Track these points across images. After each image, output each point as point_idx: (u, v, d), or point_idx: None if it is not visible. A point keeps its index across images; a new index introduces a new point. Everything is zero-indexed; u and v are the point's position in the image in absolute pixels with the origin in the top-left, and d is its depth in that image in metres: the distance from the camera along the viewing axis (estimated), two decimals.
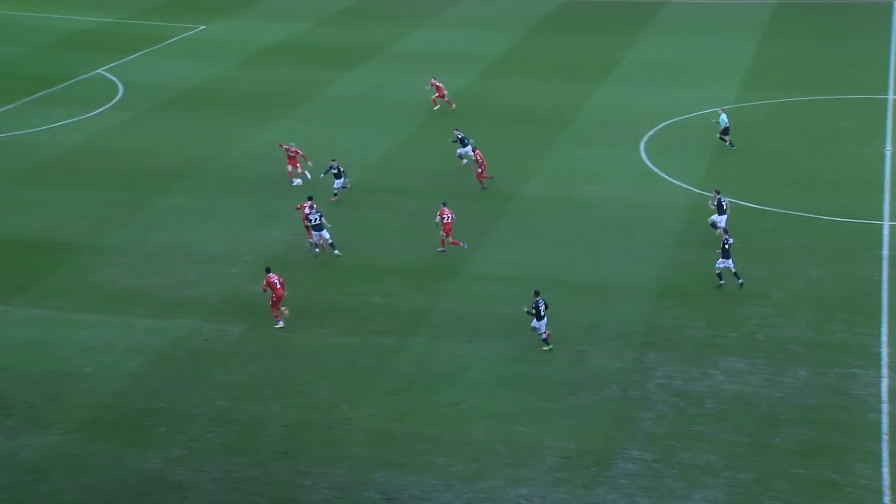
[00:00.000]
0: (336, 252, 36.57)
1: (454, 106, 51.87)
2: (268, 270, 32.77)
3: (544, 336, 31.01)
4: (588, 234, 39.05)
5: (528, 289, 34.76)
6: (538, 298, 30.91)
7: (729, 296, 34.40)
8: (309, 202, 37.26)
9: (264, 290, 32.59)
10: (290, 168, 42.75)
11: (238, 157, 46.47)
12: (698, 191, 42.53)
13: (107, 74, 58.22)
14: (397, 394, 29.16)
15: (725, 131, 46.73)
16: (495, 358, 30.95)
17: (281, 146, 43.48)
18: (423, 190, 43.19)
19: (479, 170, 42.86)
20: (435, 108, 51.83)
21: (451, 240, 37.26)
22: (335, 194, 41.24)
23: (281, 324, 32.50)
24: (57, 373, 29.61)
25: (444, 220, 37.03)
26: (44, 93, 54.51)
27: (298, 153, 42.82)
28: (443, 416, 28.20)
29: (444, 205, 37.52)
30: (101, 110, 52.02)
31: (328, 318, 32.99)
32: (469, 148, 44.46)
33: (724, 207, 38.27)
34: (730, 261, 34.63)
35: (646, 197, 41.46)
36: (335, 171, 41.19)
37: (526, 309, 31.08)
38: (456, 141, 45.06)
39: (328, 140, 49.09)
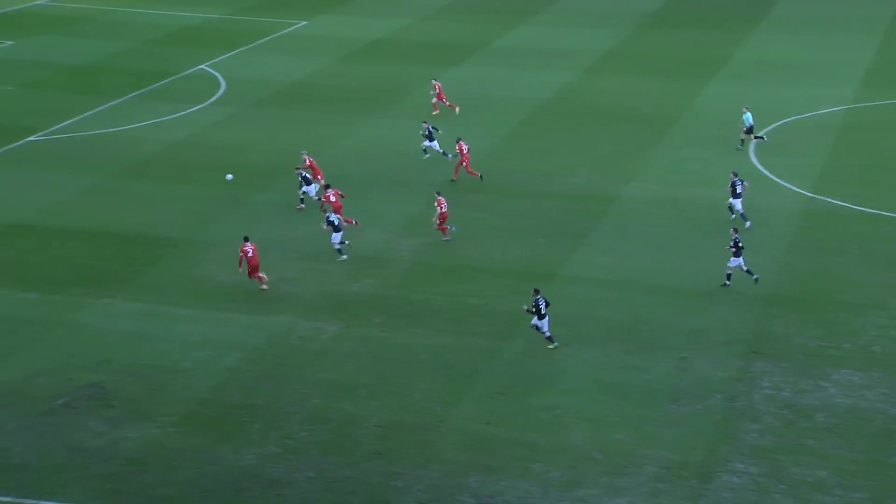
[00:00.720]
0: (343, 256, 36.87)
1: (457, 110, 50.88)
2: (246, 239, 34.53)
3: (548, 335, 30.91)
4: (693, 238, 38.41)
5: (628, 293, 34.45)
6: (538, 297, 30.78)
7: (843, 305, 33.43)
8: (333, 190, 38.48)
9: (240, 264, 34.12)
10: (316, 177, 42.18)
11: (337, 155, 47.07)
12: (811, 194, 41.46)
13: (209, 70, 59.73)
14: (492, 397, 29.16)
15: (749, 130, 45.90)
16: (593, 363, 30.69)
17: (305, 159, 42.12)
18: (523, 190, 43.10)
19: (463, 162, 42.81)
20: (434, 112, 50.65)
21: (442, 225, 37.73)
22: (302, 201, 40.69)
23: (265, 286, 34.33)
24: (156, 366, 30.48)
25: (441, 210, 37.41)
26: (149, 88, 56.17)
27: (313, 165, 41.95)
28: (539, 420, 28.09)
29: (439, 194, 37.87)
30: (202, 105, 53.37)
31: (423, 319, 33.18)
32: (436, 143, 44.73)
33: (738, 191, 38.13)
34: (741, 259, 33.96)
35: (755, 200, 40.54)
36: (303, 178, 40.57)
37: (525, 307, 31.01)
38: (425, 134, 45.01)
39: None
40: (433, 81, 52.07)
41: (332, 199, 38.64)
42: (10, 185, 42.60)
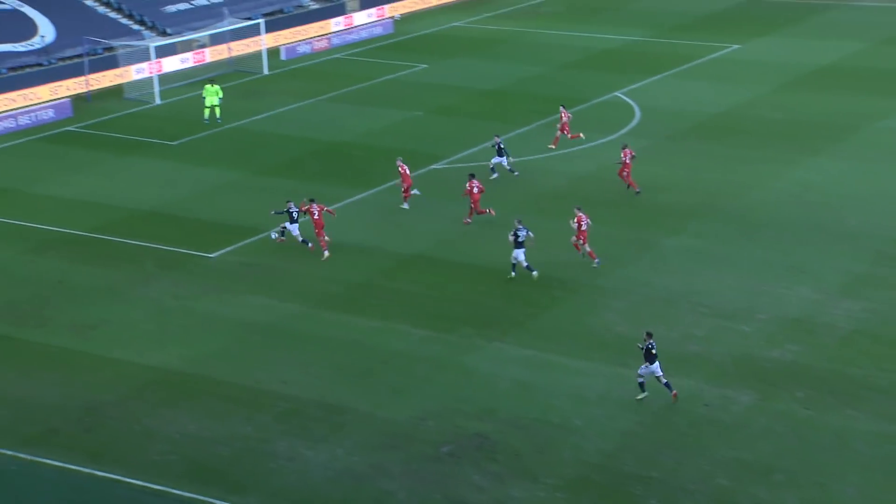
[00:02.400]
0: (533, 273, 38.79)
1: (579, 136, 51.56)
2: (312, 201, 40.49)
3: (640, 380, 31.43)
4: None
5: None
6: (650, 341, 31.12)
7: None
8: (477, 181, 42.84)
9: (309, 213, 40.28)
10: (405, 187, 45.26)
11: (764, 198, 45.73)
12: None
13: (624, 97, 60.61)
14: None
15: None
16: None
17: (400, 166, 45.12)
18: None
19: (625, 171, 45.78)
20: (551, 146, 51.56)
21: (587, 248, 39.57)
22: (305, 241, 41.53)
23: (327, 253, 40.45)
24: (545, 421, 30.98)
25: (581, 227, 39.20)
26: (557, 116, 57.97)
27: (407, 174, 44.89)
28: None
29: (579, 209, 39.64)
30: (614, 136, 54.15)
31: (861, 399, 31.06)
32: (504, 159, 47.81)
33: None
34: None
35: None
36: (291, 213, 41.17)
37: (639, 345, 31.56)
38: (501, 151, 47.62)
39: (875, 183, 46.65)
40: (561, 108, 51.91)
41: (475, 190, 42.68)
42: (413, 215, 45.58)
